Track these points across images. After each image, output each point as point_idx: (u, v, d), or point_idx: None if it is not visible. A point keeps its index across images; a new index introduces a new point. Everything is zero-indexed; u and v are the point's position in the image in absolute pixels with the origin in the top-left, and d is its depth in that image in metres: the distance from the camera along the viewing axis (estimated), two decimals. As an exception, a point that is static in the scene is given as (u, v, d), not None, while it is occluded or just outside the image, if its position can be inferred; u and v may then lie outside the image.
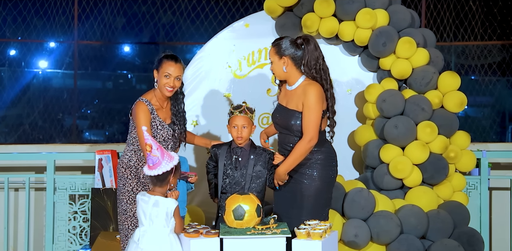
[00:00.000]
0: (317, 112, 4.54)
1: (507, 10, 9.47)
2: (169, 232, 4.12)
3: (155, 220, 4.10)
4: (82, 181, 6.13)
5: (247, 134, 4.68)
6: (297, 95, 4.62)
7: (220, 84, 6.02)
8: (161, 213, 4.09)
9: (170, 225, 4.11)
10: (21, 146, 7.38)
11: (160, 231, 4.10)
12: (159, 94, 4.72)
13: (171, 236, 4.13)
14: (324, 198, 4.69)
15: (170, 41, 10.08)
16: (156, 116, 4.66)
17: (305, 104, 4.54)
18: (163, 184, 4.14)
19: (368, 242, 5.30)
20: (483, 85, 9.69)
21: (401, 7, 5.82)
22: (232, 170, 4.69)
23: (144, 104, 4.63)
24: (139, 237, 4.12)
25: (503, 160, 6.88)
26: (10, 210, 6.49)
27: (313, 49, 4.63)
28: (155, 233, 4.10)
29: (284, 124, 4.66)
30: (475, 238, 5.46)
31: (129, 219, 4.68)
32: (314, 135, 4.52)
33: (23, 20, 9.52)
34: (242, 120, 4.66)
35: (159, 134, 4.67)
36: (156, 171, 4.07)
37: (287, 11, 5.91)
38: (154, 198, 4.12)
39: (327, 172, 4.67)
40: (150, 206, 4.11)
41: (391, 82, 5.71)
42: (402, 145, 5.52)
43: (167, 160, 4.09)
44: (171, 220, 4.10)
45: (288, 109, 4.65)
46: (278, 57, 4.63)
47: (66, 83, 11.47)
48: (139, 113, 4.61)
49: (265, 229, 4.19)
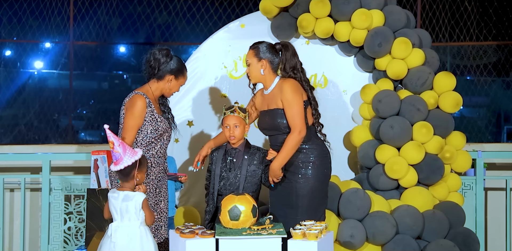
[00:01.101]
0: (298, 104, 4.58)
1: (503, 11, 9.49)
2: (139, 224, 4.23)
3: (125, 214, 4.22)
4: (78, 182, 6.12)
5: (240, 133, 4.69)
6: (274, 95, 4.68)
7: (215, 85, 6.02)
8: (130, 207, 4.20)
9: (140, 217, 4.22)
10: (16, 146, 7.37)
11: (131, 224, 4.22)
12: (157, 91, 4.76)
13: (142, 228, 4.23)
14: (320, 197, 4.70)
15: (166, 42, 10.08)
16: (154, 110, 4.68)
17: (284, 100, 4.59)
18: (129, 179, 4.26)
19: (363, 243, 5.30)
20: (479, 86, 9.71)
21: (396, 7, 5.82)
22: (227, 172, 4.70)
23: (142, 97, 4.64)
24: (111, 232, 4.23)
25: (499, 160, 6.89)
26: (6, 211, 6.48)
27: (291, 56, 4.71)
28: (126, 227, 4.22)
29: (272, 125, 4.68)
30: (470, 238, 5.46)
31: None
32: (302, 127, 4.56)
33: (18, 20, 9.52)
34: (234, 119, 4.68)
35: (160, 126, 4.68)
36: (119, 166, 4.20)
37: (283, 11, 5.91)
38: (123, 193, 4.24)
39: (322, 171, 4.68)
40: (119, 202, 4.23)
41: (386, 82, 5.71)
42: (397, 145, 5.52)
43: (129, 155, 4.22)
44: (140, 212, 4.21)
45: (271, 110, 4.68)
46: (257, 60, 4.68)
47: (61, 83, 11.46)
48: (134, 107, 4.62)
49: (260, 230, 4.19)
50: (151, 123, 4.65)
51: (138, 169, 4.26)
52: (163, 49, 4.75)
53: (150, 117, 4.65)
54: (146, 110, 4.62)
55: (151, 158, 4.66)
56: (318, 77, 5.96)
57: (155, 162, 4.70)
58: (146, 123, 4.64)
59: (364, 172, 5.76)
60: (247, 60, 4.73)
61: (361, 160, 5.72)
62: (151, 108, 4.65)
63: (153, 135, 4.65)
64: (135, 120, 4.60)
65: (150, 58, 4.74)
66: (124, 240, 4.20)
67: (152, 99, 4.71)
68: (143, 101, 4.62)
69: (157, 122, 4.67)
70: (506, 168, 6.89)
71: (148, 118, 4.64)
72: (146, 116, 4.63)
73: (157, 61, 4.72)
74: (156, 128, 4.66)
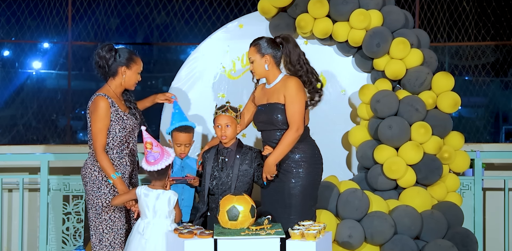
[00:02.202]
0: (301, 102, 4.62)
1: (501, 11, 9.49)
2: (171, 222, 4.40)
3: (158, 212, 4.37)
4: (76, 182, 6.11)
5: (231, 132, 4.71)
6: (277, 89, 4.70)
7: (214, 85, 6.02)
8: (164, 205, 4.37)
9: (172, 215, 4.40)
10: (15, 146, 7.37)
11: (163, 222, 4.38)
12: (118, 88, 4.77)
13: (172, 226, 4.39)
14: (311, 197, 4.71)
15: (164, 42, 10.08)
16: (118, 108, 4.69)
17: (287, 96, 4.62)
18: (163, 178, 4.44)
19: (362, 243, 5.30)
20: (477, 86, 9.71)
21: (395, 7, 5.82)
22: (218, 171, 4.72)
23: (104, 98, 4.65)
24: (143, 228, 4.38)
25: (497, 161, 6.90)
26: (4, 211, 6.48)
27: (294, 47, 4.75)
28: (158, 224, 4.38)
29: (268, 119, 4.69)
30: (468, 238, 5.46)
31: (104, 222, 4.65)
32: (300, 124, 4.58)
33: (16, 20, 9.50)
34: (225, 119, 4.70)
35: (127, 124, 4.71)
36: (158, 166, 4.37)
37: (281, 11, 5.91)
38: (156, 191, 4.41)
39: (313, 170, 4.69)
40: (153, 199, 4.38)
41: (385, 82, 5.71)
42: (396, 146, 5.52)
43: (166, 156, 4.40)
44: (172, 211, 4.40)
45: (270, 104, 4.70)
46: (260, 56, 4.73)
47: (60, 84, 11.46)
48: (98, 110, 4.63)
49: (259, 230, 4.20)
50: (117, 122, 4.67)
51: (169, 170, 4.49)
52: (105, 46, 4.73)
53: (115, 116, 4.67)
54: (110, 111, 4.64)
55: (125, 157, 4.68)
56: (317, 77, 5.95)
57: (129, 160, 4.72)
58: (112, 123, 4.66)
59: (363, 172, 5.76)
60: (250, 57, 4.75)
61: (360, 160, 5.72)
62: (115, 108, 4.68)
63: (122, 134, 4.68)
64: (102, 122, 4.62)
65: (96, 59, 4.73)
66: (155, 237, 4.35)
67: (115, 98, 4.73)
68: (106, 102, 4.64)
69: (124, 120, 4.70)
70: (504, 168, 6.90)
71: (114, 118, 4.67)
72: (112, 116, 4.65)
73: (103, 59, 4.70)
74: (123, 126, 4.69)
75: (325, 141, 5.41)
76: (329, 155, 5.35)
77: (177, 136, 4.90)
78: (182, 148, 4.96)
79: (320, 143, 4.84)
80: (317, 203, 4.84)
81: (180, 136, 4.90)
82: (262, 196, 4.82)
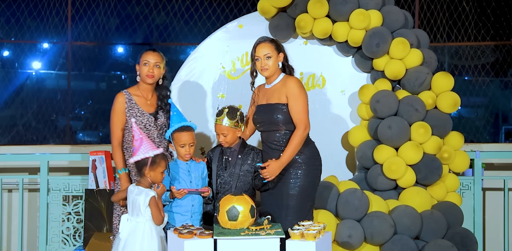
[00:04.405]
0: (305, 100, 4.64)
1: (501, 11, 9.49)
2: (145, 220, 4.36)
3: (135, 208, 4.38)
4: (76, 182, 6.12)
5: (231, 138, 4.73)
6: (277, 89, 4.71)
7: (213, 85, 6.02)
8: (140, 202, 4.35)
9: (146, 214, 4.35)
10: (14, 147, 7.37)
11: (138, 219, 4.37)
12: (143, 86, 4.89)
13: (146, 225, 4.36)
14: (309, 198, 4.71)
15: (164, 42, 10.06)
16: (135, 105, 4.81)
17: (290, 95, 4.63)
18: (141, 174, 4.44)
19: (362, 243, 5.30)
20: (477, 86, 9.70)
21: (394, 8, 5.83)
22: (222, 170, 4.73)
23: (121, 94, 4.82)
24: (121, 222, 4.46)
25: (497, 161, 6.90)
26: (4, 211, 6.48)
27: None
28: (133, 221, 4.39)
29: (268, 120, 4.69)
30: (468, 238, 5.47)
31: (117, 218, 4.85)
32: (307, 123, 4.61)
33: (16, 21, 9.49)
34: (222, 129, 4.73)
35: (138, 120, 4.79)
36: (133, 158, 4.44)
37: (281, 12, 5.91)
38: (137, 187, 4.43)
39: (312, 171, 4.70)
40: (133, 195, 4.41)
41: (384, 83, 5.72)
42: (395, 146, 5.52)
43: (143, 151, 4.42)
44: (146, 209, 4.33)
45: (271, 104, 4.70)
46: (277, 53, 4.75)
47: (59, 84, 11.43)
48: (113, 105, 4.82)
49: (259, 230, 4.20)
50: (130, 118, 4.78)
51: (150, 167, 4.39)
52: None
53: (129, 112, 4.79)
54: (125, 106, 4.78)
55: None
56: (316, 77, 5.96)
57: None
58: (127, 118, 4.79)
59: (362, 172, 5.76)
60: (268, 53, 4.74)
61: (359, 160, 5.72)
62: (131, 104, 4.80)
63: None
64: (117, 117, 4.79)
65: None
66: (127, 232, 4.37)
67: (139, 95, 4.86)
68: (122, 97, 4.81)
69: (136, 117, 4.78)
70: (504, 168, 6.91)
71: (128, 114, 4.79)
72: (126, 111, 4.79)
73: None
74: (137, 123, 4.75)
75: (325, 141, 5.42)
76: (329, 155, 5.36)
77: (179, 136, 4.85)
78: (187, 148, 4.74)
79: (320, 143, 4.85)
80: (314, 205, 4.85)
81: (182, 135, 4.83)
82: (261, 196, 4.82)
